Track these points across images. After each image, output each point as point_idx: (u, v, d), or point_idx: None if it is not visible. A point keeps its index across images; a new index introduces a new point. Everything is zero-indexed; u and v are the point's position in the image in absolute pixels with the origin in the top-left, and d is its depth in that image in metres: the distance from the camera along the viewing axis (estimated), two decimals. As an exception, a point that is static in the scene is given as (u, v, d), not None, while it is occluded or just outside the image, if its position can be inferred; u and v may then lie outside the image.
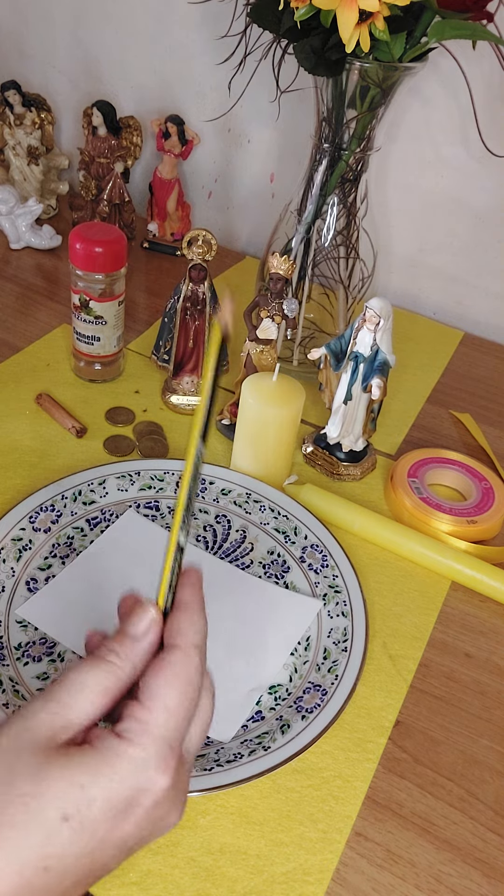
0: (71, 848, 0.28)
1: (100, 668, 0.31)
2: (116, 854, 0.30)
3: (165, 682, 0.31)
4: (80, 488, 0.61)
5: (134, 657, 0.32)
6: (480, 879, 0.44)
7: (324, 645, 0.53)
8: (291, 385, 0.63)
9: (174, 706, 0.31)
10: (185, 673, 0.32)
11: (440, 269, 0.96)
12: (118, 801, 0.29)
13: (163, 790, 0.30)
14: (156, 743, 0.30)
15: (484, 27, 0.61)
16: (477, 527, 0.63)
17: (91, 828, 0.28)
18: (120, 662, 0.32)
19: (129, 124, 0.98)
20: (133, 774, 0.29)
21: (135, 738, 0.30)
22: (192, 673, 0.32)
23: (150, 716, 0.30)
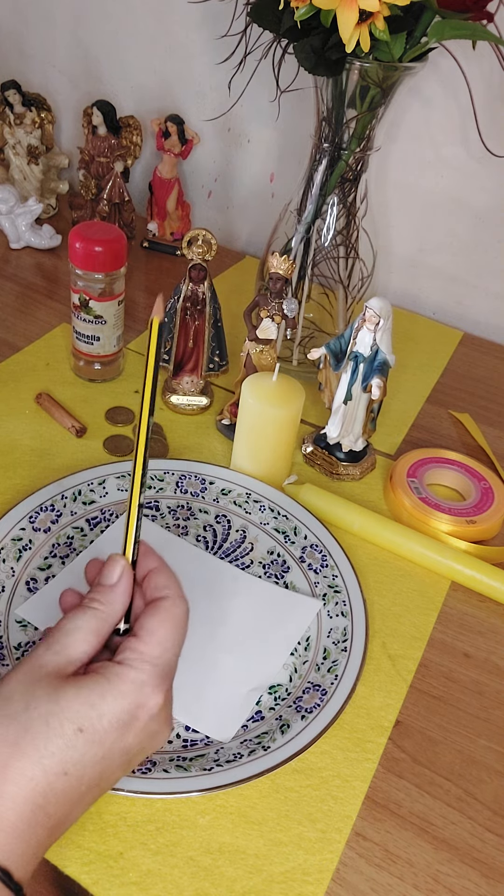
0: (86, 755, 0.33)
1: (88, 614, 0.37)
2: (121, 763, 0.35)
3: (159, 622, 0.37)
4: (80, 488, 0.62)
5: (114, 600, 0.38)
6: (479, 879, 0.44)
7: (323, 645, 0.53)
8: (291, 385, 0.63)
9: (167, 641, 0.37)
10: (176, 616, 0.38)
11: (440, 269, 0.96)
12: (122, 715, 0.34)
13: (157, 705, 0.36)
14: (151, 668, 0.36)
15: (484, 27, 0.61)
16: (476, 527, 0.63)
17: (101, 738, 0.34)
18: (103, 607, 0.37)
19: (129, 124, 0.99)
20: (134, 692, 0.35)
21: (134, 664, 0.36)
22: (181, 616, 0.38)
23: (146, 647, 0.36)
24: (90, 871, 0.41)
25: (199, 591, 0.56)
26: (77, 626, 0.36)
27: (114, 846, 0.42)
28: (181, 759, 0.46)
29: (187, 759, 0.46)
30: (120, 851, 0.42)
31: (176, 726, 0.48)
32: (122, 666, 0.36)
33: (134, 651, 0.36)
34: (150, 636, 0.37)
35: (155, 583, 0.39)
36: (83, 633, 0.36)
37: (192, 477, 0.64)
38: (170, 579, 0.40)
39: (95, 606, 0.37)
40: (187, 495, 0.64)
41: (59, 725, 0.33)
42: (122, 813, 0.44)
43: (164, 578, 0.40)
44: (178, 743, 0.47)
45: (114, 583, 0.38)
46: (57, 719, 0.33)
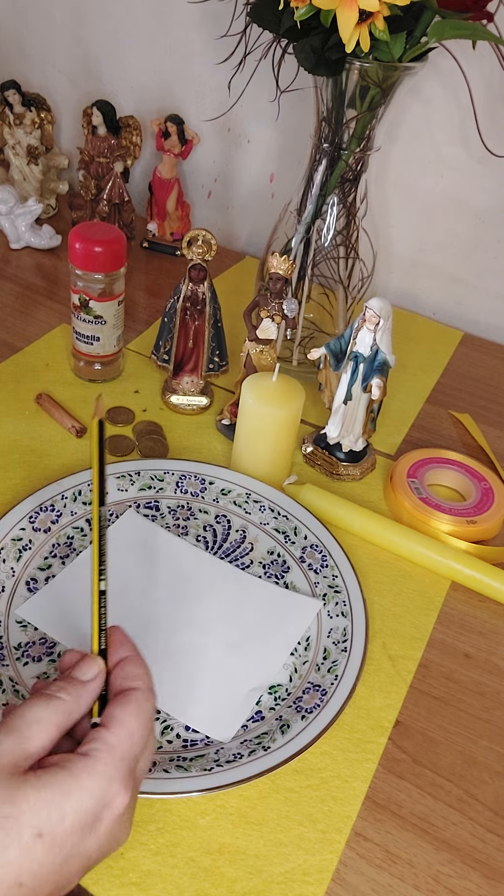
0: (43, 863, 0.31)
1: (51, 705, 0.35)
2: (80, 867, 0.33)
3: (130, 713, 0.35)
4: (80, 488, 0.61)
5: (81, 697, 0.36)
6: (479, 880, 0.44)
7: (323, 645, 0.53)
8: (291, 385, 0.63)
9: (136, 735, 0.35)
10: (146, 709, 0.36)
11: (440, 269, 0.96)
12: (86, 815, 0.32)
13: (124, 805, 0.33)
14: (120, 762, 0.34)
15: (484, 27, 0.61)
16: (476, 527, 0.63)
17: (61, 842, 0.31)
18: (70, 700, 0.35)
19: (129, 124, 0.98)
20: (100, 788, 0.33)
21: (102, 757, 0.33)
22: (150, 710, 0.37)
23: (115, 739, 0.34)
24: (90, 871, 0.41)
25: (199, 591, 0.56)
26: (39, 717, 0.34)
27: (114, 847, 0.42)
28: (181, 759, 0.46)
29: (187, 760, 0.45)
30: (120, 852, 0.42)
31: (176, 726, 0.48)
32: (87, 759, 0.33)
33: (102, 742, 0.34)
34: (120, 727, 0.35)
35: (126, 672, 0.38)
36: (45, 725, 0.34)
37: (192, 477, 0.64)
38: (141, 669, 0.38)
39: (62, 696, 0.35)
40: (187, 495, 0.64)
41: (17, 831, 0.30)
42: (122, 813, 0.44)
43: (136, 668, 0.38)
44: (178, 743, 0.47)
45: (87, 680, 0.37)
46: (14, 823, 0.30)
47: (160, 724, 0.48)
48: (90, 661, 0.37)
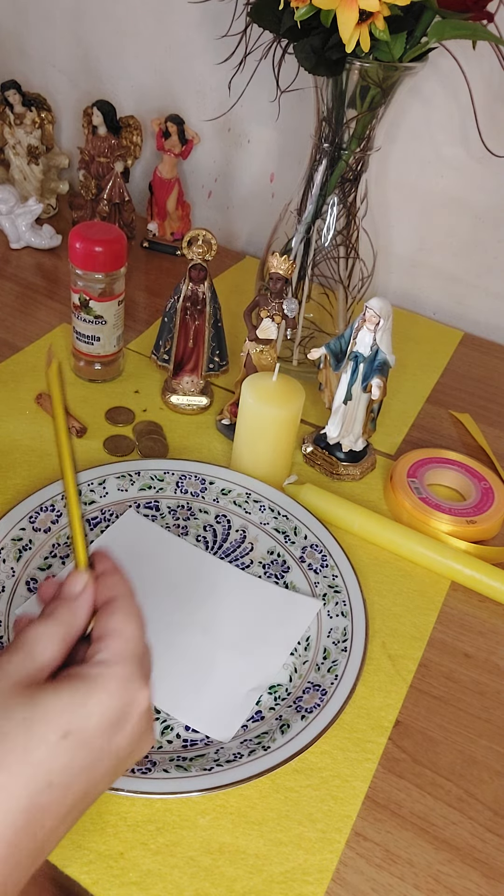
0: (71, 762, 0.30)
1: (53, 622, 0.35)
2: (111, 768, 0.33)
3: (122, 621, 0.35)
4: (80, 488, 0.61)
5: (77, 611, 0.36)
6: (479, 879, 0.44)
7: (323, 645, 0.53)
8: (291, 385, 0.63)
9: (136, 637, 0.35)
10: (134, 611, 0.36)
11: (440, 269, 0.96)
12: (113, 714, 0.32)
13: (147, 701, 0.34)
14: (134, 662, 0.34)
15: (484, 27, 0.61)
16: (476, 527, 0.63)
17: (89, 742, 0.31)
18: (68, 617, 0.35)
19: (129, 124, 0.99)
20: (124, 689, 0.33)
21: (118, 661, 0.33)
22: (137, 611, 0.37)
23: (120, 645, 0.34)
24: (90, 871, 0.41)
25: (199, 591, 0.56)
26: (41, 633, 0.34)
27: (114, 846, 0.42)
28: (181, 759, 0.46)
29: (187, 759, 0.46)
30: (120, 851, 0.42)
31: (176, 726, 0.48)
32: (103, 665, 0.33)
33: (109, 651, 0.34)
34: (120, 635, 0.35)
35: (104, 584, 0.38)
36: (50, 640, 0.34)
37: (192, 477, 0.64)
38: (118, 576, 0.38)
39: (59, 615, 0.36)
40: (187, 495, 0.64)
41: (42, 732, 0.30)
42: (122, 813, 0.44)
43: (112, 577, 0.38)
44: (178, 743, 0.47)
45: (76, 594, 0.37)
46: (39, 725, 0.30)
47: (160, 724, 0.48)
48: (75, 576, 0.37)
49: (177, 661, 0.51)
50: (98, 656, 0.34)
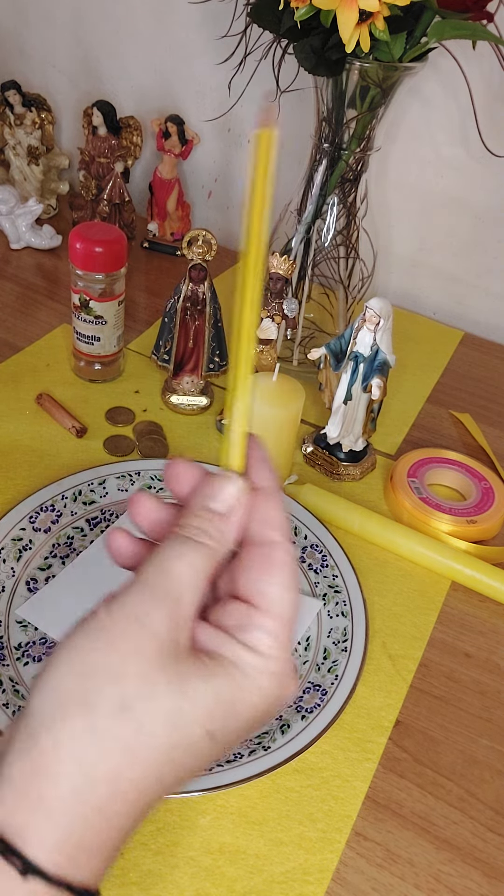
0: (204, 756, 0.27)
1: (197, 552, 0.27)
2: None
3: (285, 588, 0.28)
4: (80, 488, 0.61)
5: (226, 535, 0.28)
6: (480, 879, 0.44)
7: (324, 645, 0.53)
8: (291, 385, 0.63)
9: (293, 615, 0.28)
10: (294, 574, 0.29)
11: (440, 269, 0.96)
12: (260, 713, 0.28)
13: (293, 693, 0.29)
14: (287, 653, 0.28)
15: (484, 27, 0.61)
16: (477, 527, 0.63)
17: (229, 738, 0.27)
18: (214, 543, 0.28)
19: (129, 124, 0.98)
20: (278, 689, 0.28)
21: (276, 652, 0.28)
22: (296, 572, 0.29)
23: (277, 625, 0.28)
24: (91, 872, 0.41)
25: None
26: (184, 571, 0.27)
27: (114, 846, 0.42)
28: (182, 759, 0.46)
29: (188, 759, 0.45)
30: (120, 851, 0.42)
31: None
32: (257, 656, 0.27)
33: (267, 634, 0.28)
34: (277, 607, 0.28)
35: (263, 515, 0.29)
36: (196, 579, 0.27)
37: (192, 477, 0.64)
38: (279, 513, 0.29)
39: (204, 541, 0.27)
40: (187, 495, 0.64)
41: (188, 727, 0.25)
42: (123, 813, 0.44)
43: (273, 511, 0.29)
44: (179, 743, 0.47)
45: (226, 511, 0.28)
46: (186, 719, 0.25)
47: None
48: (225, 483, 0.29)
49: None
50: (250, 634, 0.28)
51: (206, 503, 0.29)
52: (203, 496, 0.29)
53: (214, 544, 0.28)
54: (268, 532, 0.29)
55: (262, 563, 0.28)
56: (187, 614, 0.27)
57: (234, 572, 0.29)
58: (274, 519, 0.29)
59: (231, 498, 0.29)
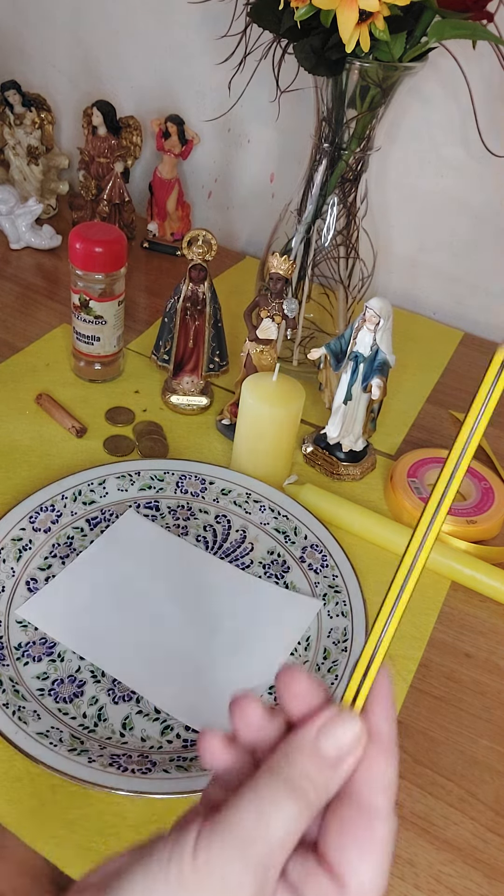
0: None
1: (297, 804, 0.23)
2: None
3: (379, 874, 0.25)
4: (80, 488, 0.61)
5: (330, 786, 0.24)
6: (480, 879, 0.44)
7: (324, 645, 0.53)
8: (291, 385, 0.63)
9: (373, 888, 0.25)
10: (389, 847, 0.25)
11: (440, 269, 0.96)
12: None
13: None
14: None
15: (484, 27, 0.61)
16: (477, 527, 0.63)
17: None
18: (315, 797, 0.24)
19: (129, 124, 0.98)
20: None
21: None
22: (392, 843, 0.25)
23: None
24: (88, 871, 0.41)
25: (199, 592, 0.56)
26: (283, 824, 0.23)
27: (114, 846, 0.42)
28: (181, 759, 0.46)
29: (187, 760, 0.45)
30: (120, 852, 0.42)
31: (176, 726, 0.48)
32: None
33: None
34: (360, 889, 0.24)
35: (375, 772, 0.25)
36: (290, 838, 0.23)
37: (192, 477, 0.64)
38: (394, 772, 0.26)
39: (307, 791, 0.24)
40: (187, 495, 0.64)
41: None
42: (123, 813, 0.44)
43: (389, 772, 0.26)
44: (179, 743, 0.47)
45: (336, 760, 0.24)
46: None
47: (160, 724, 0.48)
48: (342, 724, 0.25)
49: (177, 661, 0.51)
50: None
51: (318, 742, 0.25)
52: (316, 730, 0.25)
53: (315, 798, 0.24)
54: (375, 795, 0.25)
55: (362, 834, 0.25)
56: (273, 882, 0.23)
57: (327, 825, 0.25)
58: (386, 780, 0.26)
59: (347, 744, 0.25)
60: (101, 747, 0.46)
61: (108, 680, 0.50)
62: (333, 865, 0.25)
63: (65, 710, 0.48)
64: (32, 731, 0.45)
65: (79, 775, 0.43)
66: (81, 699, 0.49)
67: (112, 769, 0.44)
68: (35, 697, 0.48)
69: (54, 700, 0.48)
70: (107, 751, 0.45)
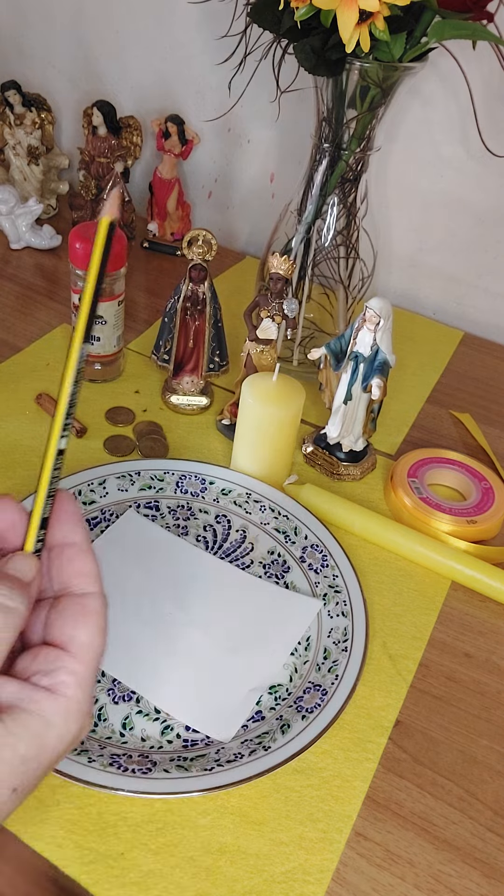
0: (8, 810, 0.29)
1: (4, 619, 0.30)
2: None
3: (93, 632, 0.32)
4: (80, 488, 0.61)
5: (27, 601, 0.31)
6: (480, 879, 0.44)
7: (324, 645, 0.53)
8: (291, 385, 0.63)
9: (99, 652, 0.32)
10: (104, 620, 0.32)
11: (440, 269, 0.96)
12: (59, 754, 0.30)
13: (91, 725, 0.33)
14: (88, 689, 0.31)
15: (484, 27, 0.61)
16: (477, 527, 0.63)
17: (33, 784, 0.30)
18: (22, 609, 0.30)
19: (129, 124, 0.99)
20: (76, 726, 0.31)
21: (72, 693, 0.30)
22: (105, 619, 0.32)
23: (83, 668, 0.31)
24: (90, 871, 0.41)
25: (199, 592, 0.56)
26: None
27: (114, 846, 0.42)
28: (181, 759, 0.46)
29: (188, 759, 0.45)
30: (120, 851, 0.42)
31: (176, 726, 0.48)
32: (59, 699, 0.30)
33: (70, 673, 0.31)
34: (85, 652, 0.31)
35: (77, 567, 0.33)
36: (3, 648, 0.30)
37: (192, 477, 0.64)
38: (93, 564, 0.33)
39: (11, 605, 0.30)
40: (187, 495, 0.64)
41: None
42: (123, 813, 0.44)
43: (87, 564, 0.33)
44: (179, 743, 0.47)
45: (28, 579, 0.32)
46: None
47: (160, 724, 0.48)
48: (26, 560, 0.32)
49: (177, 661, 0.51)
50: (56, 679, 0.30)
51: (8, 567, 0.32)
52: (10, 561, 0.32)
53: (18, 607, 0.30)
54: (83, 583, 0.33)
55: (76, 612, 0.32)
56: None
57: (50, 620, 0.33)
58: (89, 571, 0.33)
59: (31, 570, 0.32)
60: (101, 747, 0.46)
61: (108, 680, 0.50)
62: (58, 641, 0.31)
63: (65, 710, 0.48)
64: (32, 731, 0.45)
65: (79, 775, 0.43)
66: (81, 699, 0.49)
67: (112, 769, 0.44)
68: (35, 697, 0.48)
69: (54, 700, 0.48)
70: (107, 751, 0.45)
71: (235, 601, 0.56)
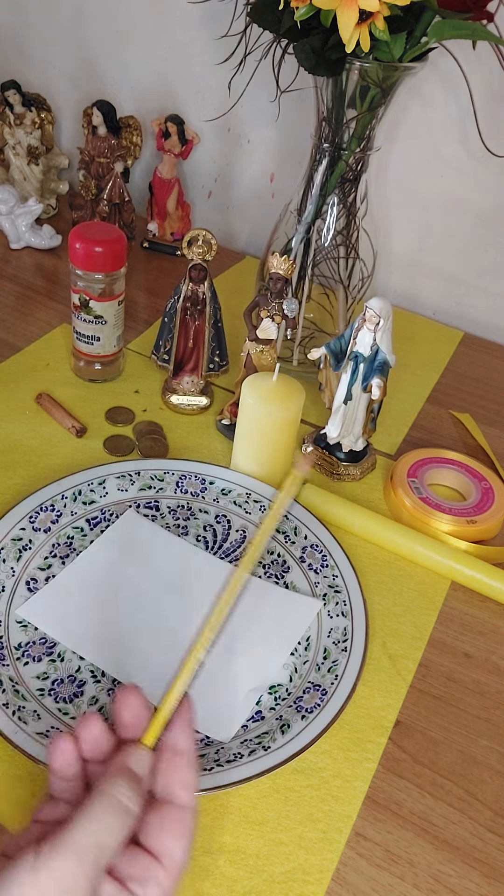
0: None
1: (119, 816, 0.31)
2: None
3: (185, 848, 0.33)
4: (80, 488, 0.61)
5: (142, 798, 0.33)
6: (479, 879, 0.44)
7: (324, 645, 0.53)
8: (291, 385, 0.63)
9: (185, 867, 0.34)
10: (192, 830, 0.34)
11: (440, 269, 0.96)
12: None
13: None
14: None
15: (484, 27, 0.61)
16: (477, 527, 0.63)
17: None
18: (135, 809, 0.32)
19: (129, 124, 0.99)
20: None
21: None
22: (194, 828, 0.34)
23: (170, 883, 0.33)
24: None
25: (199, 592, 0.56)
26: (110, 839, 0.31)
27: (114, 846, 0.42)
28: (181, 759, 0.46)
29: (188, 760, 0.45)
30: (120, 852, 0.42)
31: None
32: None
33: (158, 885, 0.33)
34: (176, 866, 0.33)
35: (181, 777, 0.35)
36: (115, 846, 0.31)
37: (192, 477, 0.64)
38: (195, 779, 0.35)
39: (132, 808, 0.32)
40: (187, 495, 0.64)
41: None
42: (123, 813, 0.44)
43: (190, 776, 0.35)
44: (179, 743, 0.47)
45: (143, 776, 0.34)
46: None
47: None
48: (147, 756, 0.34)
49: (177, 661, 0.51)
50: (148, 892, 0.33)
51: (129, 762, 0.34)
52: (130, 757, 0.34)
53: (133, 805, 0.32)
54: (185, 796, 0.34)
55: (175, 827, 0.34)
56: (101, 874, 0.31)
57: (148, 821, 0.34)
58: (190, 784, 0.35)
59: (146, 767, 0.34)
60: (101, 747, 0.46)
61: (108, 680, 0.50)
62: (153, 848, 0.33)
63: (65, 710, 0.48)
64: (32, 731, 0.45)
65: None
66: (81, 699, 0.49)
67: (112, 769, 0.44)
68: (35, 697, 0.48)
69: (54, 700, 0.48)
70: (107, 751, 0.45)
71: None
